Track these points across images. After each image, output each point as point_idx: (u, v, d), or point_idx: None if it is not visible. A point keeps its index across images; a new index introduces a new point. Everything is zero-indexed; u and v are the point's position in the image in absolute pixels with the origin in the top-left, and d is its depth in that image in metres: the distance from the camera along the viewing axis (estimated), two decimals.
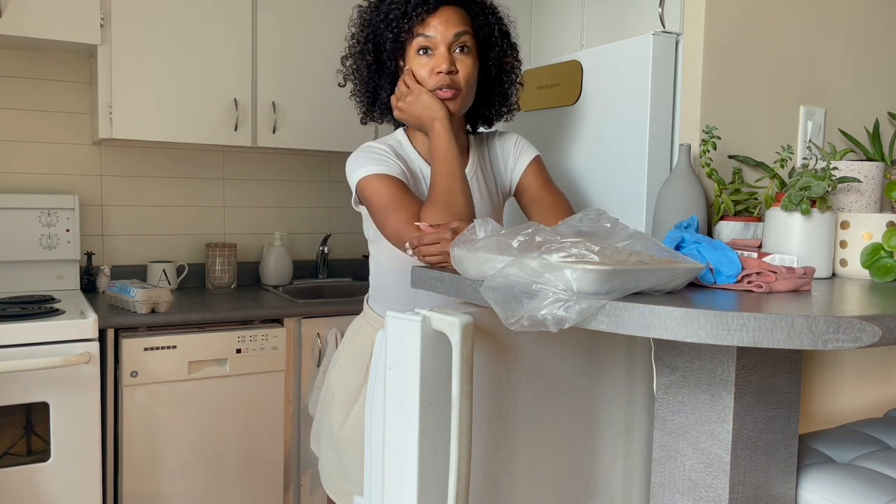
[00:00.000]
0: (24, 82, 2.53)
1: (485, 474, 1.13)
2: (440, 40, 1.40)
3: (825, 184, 1.26)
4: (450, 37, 1.40)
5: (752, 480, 1.11)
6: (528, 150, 1.57)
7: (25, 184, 2.54)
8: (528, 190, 1.54)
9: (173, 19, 2.41)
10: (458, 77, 1.41)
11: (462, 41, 1.42)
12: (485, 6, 1.49)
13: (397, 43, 1.44)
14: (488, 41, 1.49)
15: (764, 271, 1.06)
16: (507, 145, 1.58)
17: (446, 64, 1.39)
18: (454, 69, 1.41)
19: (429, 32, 1.40)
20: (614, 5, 2.08)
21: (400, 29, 1.42)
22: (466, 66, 1.42)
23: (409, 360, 1.01)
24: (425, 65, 1.41)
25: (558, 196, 1.53)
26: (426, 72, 1.41)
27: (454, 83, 1.41)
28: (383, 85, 1.50)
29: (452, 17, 1.42)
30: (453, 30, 1.41)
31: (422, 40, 1.41)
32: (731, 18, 1.54)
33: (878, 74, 1.79)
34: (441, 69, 1.39)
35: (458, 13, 1.43)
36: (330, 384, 1.58)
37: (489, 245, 1.05)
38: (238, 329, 2.25)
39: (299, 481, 2.42)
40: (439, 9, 1.42)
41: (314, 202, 3.06)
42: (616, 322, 0.91)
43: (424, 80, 1.42)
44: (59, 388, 1.97)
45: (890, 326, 0.85)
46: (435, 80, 1.40)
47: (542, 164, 1.58)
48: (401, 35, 1.43)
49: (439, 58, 1.40)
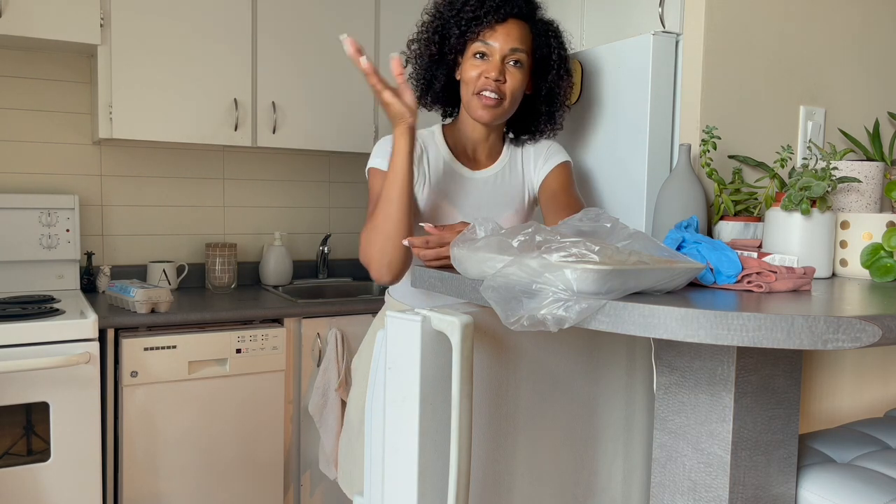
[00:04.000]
0: (24, 82, 2.53)
1: (485, 474, 1.13)
2: (497, 49, 1.47)
3: (825, 184, 1.26)
4: (507, 50, 1.47)
5: (752, 480, 1.11)
6: (558, 155, 1.59)
7: (25, 184, 2.54)
8: (546, 190, 1.56)
9: (173, 19, 2.41)
10: (504, 86, 1.47)
11: (517, 56, 1.48)
12: (549, 28, 1.54)
13: (461, 41, 1.51)
14: (545, 62, 1.54)
15: (764, 271, 1.06)
16: (539, 148, 1.61)
17: (496, 72, 1.46)
18: (502, 79, 1.47)
19: (490, 41, 1.48)
20: (614, 5, 2.08)
21: (469, 30, 1.49)
22: (516, 79, 1.48)
23: (409, 360, 1.01)
24: (478, 67, 1.48)
25: (574, 200, 1.54)
26: (476, 73, 1.48)
27: (500, 91, 1.47)
28: (438, 76, 1.57)
29: (515, 31, 1.48)
30: (512, 44, 1.47)
31: (481, 45, 1.48)
32: (731, 18, 1.54)
33: (878, 74, 1.79)
34: (490, 75, 1.46)
35: (522, 29, 1.49)
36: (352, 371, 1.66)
37: (489, 245, 1.05)
38: (238, 329, 2.25)
39: (299, 481, 2.42)
40: (507, 20, 1.48)
41: (314, 202, 3.06)
42: (616, 322, 0.91)
43: (472, 81, 1.48)
44: (59, 388, 1.97)
45: (890, 326, 0.85)
46: (481, 83, 1.47)
47: (569, 170, 1.59)
48: (467, 34, 1.50)
49: (492, 65, 1.47)
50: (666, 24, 1.91)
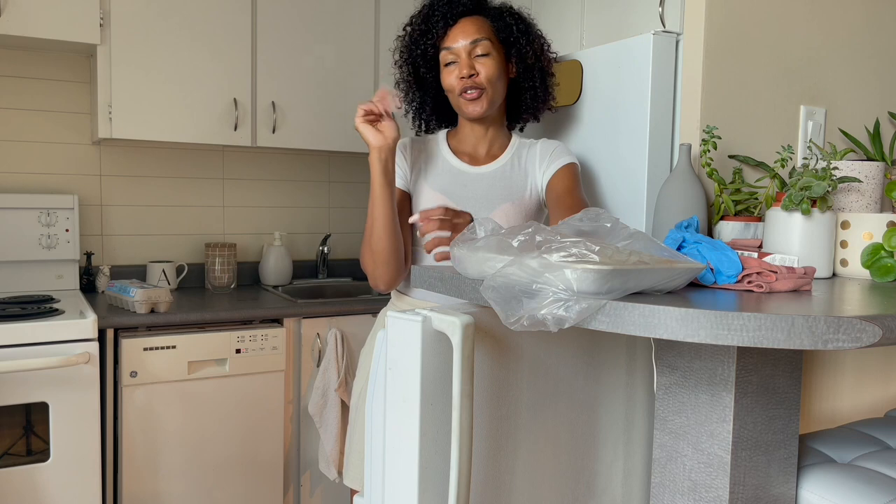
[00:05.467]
0: (24, 82, 2.53)
1: (486, 474, 1.13)
2: (461, 50, 1.52)
3: (825, 184, 1.26)
4: (467, 45, 1.51)
5: (752, 480, 1.11)
6: (564, 156, 1.60)
7: (25, 184, 2.54)
8: (552, 191, 1.57)
9: (173, 19, 2.41)
10: (479, 78, 1.51)
11: (480, 47, 1.52)
12: (502, 10, 1.57)
13: (426, 59, 1.58)
14: (512, 41, 1.56)
15: (764, 271, 1.06)
16: (547, 149, 1.62)
17: (466, 69, 1.51)
18: (474, 73, 1.51)
19: (450, 45, 1.53)
20: (614, 5, 2.08)
21: (425, 46, 1.56)
22: (487, 67, 1.52)
23: (409, 361, 1.01)
24: (451, 72, 1.54)
25: (579, 202, 1.54)
26: (453, 79, 1.53)
27: (476, 84, 1.51)
28: (427, 99, 1.64)
29: (469, 26, 1.52)
30: (470, 38, 1.51)
31: (446, 53, 1.54)
32: (731, 18, 1.54)
33: (878, 74, 1.79)
34: (462, 74, 1.51)
35: (475, 22, 1.53)
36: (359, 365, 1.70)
37: (489, 245, 1.04)
38: (238, 329, 2.25)
39: (299, 481, 2.42)
40: (457, 21, 1.53)
41: (314, 202, 3.06)
42: (616, 322, 0.91)
43: (452, 87, 1.54)
44: (59, 388, 1.97)
45: (890, 326, 0.85)
46: (459, 86, 1.52)
47: (576, 171, 1.60)
48: (428, 52, 1.56)
49: (461, 65, 1.51)
50: (666, 24, 1.91)
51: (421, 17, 1.56)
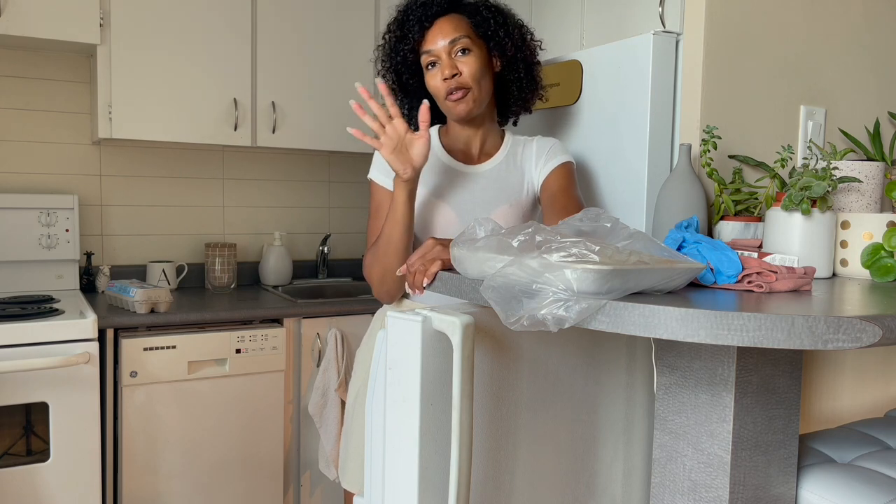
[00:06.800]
0: (24, 82, 2.53)
1: (485, 474, 1.13)
2: (440, 50, 1.49)
3: (825, 184, 1.26)
4: (446, 44, 1.49)
5: (752, 480, 1.11)
6: (560, 155, 1.59)
7: (25, 184, 2.54)
8: (547, 191, 1.56)
9: (173, 19, 2.41)
10: (462, 77, 1.48)
11: (459, 45, 1.49)
12: (478, 5, 1.54)
13: (408, 65, 1.55)
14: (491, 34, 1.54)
15: (764, 271, 1.06)
16: (542, 147, 1.60)
17: (448, 70, 1.48)
18: (457, 72, 1.48)
19: (429, 47, 1.50)
20: (614, 5, 2.08)
21: (404, 51, 1.53)
22: (469, 65, 1.49)
23: (409, 361, 1.01)
24: (434, 75, 1.51)
25: (574, 201, 1.53)
26: (436, 82, 1.50)
27: (461, 84, 1.48)
28: (415, 105, 1.61)
29: (446, 26, 1.50)
30: (448, 37, 1.49)
31: (426, 56, 1.51)
32: (731, 18, 1.54)
33: (878, 74, 1.79)
34: (445, 75, 1.48)
35: (451, 21, 1.50)
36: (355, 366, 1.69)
37: (489, 245, 1.04)
38: (238, 329, 2.25)
39: (299, 481, 2.42)
40: (433, 23, 1.51)
41: (314, 202, 3.06)
42: (616, 322, 0.91)
43: (436, 90, 1.51)
44: (59, 388, 1.97)
45: (890, 326, 0.85)
46: (444, 87, 1.49)
47: (571, 170, 1.59)
48: (408, 57, 1.53)
49: (443, 66, 1.49)
50: (666, 24, 1.91)
51: (396, 23, 1.53)
